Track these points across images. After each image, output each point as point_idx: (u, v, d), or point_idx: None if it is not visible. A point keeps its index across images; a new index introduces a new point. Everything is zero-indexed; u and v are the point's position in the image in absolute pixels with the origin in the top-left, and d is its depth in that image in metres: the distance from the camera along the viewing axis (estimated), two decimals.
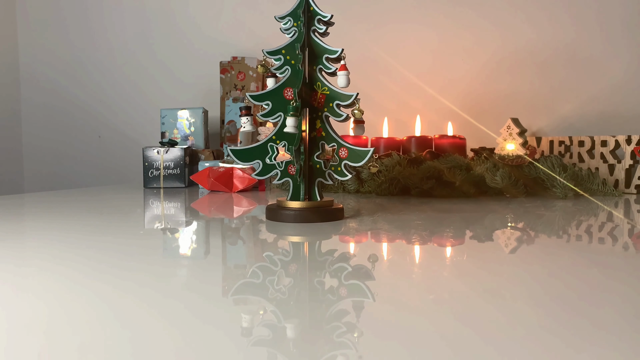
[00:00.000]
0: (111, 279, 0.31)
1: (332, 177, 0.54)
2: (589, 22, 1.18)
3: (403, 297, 0.28)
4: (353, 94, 0.52)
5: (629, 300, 0.27)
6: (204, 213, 0.68)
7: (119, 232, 0.50)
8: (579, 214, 0.62)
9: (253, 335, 0.22)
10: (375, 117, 1.19)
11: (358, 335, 0.22)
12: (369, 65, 1.33)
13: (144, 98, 1.53)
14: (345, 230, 0.49)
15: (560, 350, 0.20)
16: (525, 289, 0.30)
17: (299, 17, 0.53)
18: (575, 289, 0.29)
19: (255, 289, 0.29)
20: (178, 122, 1.23)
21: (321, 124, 0.54)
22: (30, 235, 0.50)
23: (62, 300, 0.27)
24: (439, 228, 0.49)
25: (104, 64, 1.56)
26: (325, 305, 0.26)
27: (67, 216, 0.60)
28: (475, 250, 0.40)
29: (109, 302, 0.26)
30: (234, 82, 1.30)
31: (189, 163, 1.07)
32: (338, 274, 0.32)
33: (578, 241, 0.46)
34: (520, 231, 0.48)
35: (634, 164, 0.89)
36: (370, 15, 1.35)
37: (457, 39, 1.29)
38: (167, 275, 0.33)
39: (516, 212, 0.62)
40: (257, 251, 0.42)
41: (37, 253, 0.40)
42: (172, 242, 0.47)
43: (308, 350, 0.20)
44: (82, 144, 1.58)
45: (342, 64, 0.52)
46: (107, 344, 0.21)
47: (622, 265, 0.37)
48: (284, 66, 0.54)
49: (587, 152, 0.94)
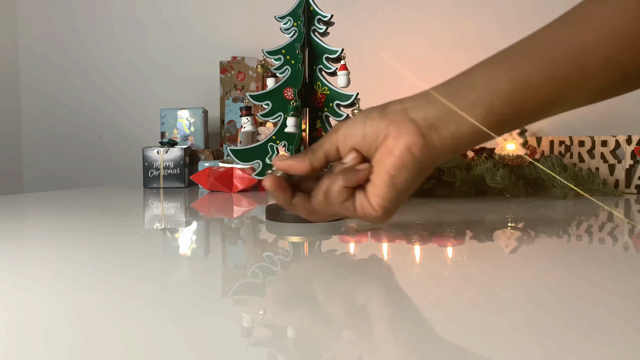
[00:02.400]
0: (111, 279, 0.31)
1: None
2: None
3: (403, 297, 0.28)
4: (353, 94, 0.52)
5: (629, 300, 0.27)
6: (204, 213, 0.68)
7: (119, 232, 0.50)
8: (579, 214, 0.62)
9: (253, 335, 0.22)
10: None
11: (358, 335, 0.22)
12: (369, 65, 1.33)
13: (144, 98, 1.53)
14: (345, 230, 0.49)
15: (560, 350, 0.20)
16: (525, 289, 0.30)
17: (299, 17, 0.53)
18: (576, 289, 0.29)
19: (255, 288, 0.29)
20: (178, 122, 1.23)
21: (321, 124, 0.54)
22: (30, 235, 0.50)
23: (62, 300, 0.27)
24: (439, 228, 0.49)
25: (104, 64, 1.56)
26: (326, 305, 0.26)
27: (67, 216, 0.60)
28: (476, 250, 0.40)
29: (109, 302, 0.26)
30: (234, 82, 1.30)
31: (189, 163, 1.07)
32: (338, 274, 0.32)
33: (578, 241, 0.46)
34: (520, 231, 0.48)
35: (634, 164, 0.89)
36: (370, 14, 1.35)
37: (457, 39, 1.29)
38: (167, 275, 0.33)
39: (516, 212, 0.62)
40: (257, 251, 0.42)
41: (37, 253, 0.40)
42: (172, 242, 0.47)
43: (308, 350, 0.20)
44: (82, 144, 1.58)
45: (342, 64, 0.52)
46: (107, 344, 0.21)
47: (622, 265, 0.37)
48: (284, 66, 0.54)
49: (587, 152, 0.94)
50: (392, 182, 0.38)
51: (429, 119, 0.38)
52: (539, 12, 1.24)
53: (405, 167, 0.38)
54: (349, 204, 0.40)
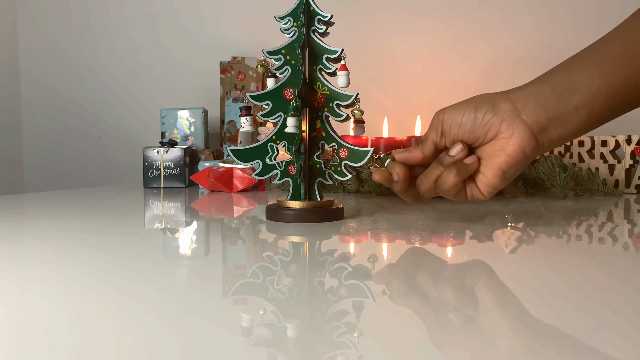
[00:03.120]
0: (111, 279, 0.31)
1: (332, 177, 0.54)
2: (590, 21, 1.18)
3: (403, 297, 0.28)
4: (353, 94, 0.52)
5: (630, 300, 0.27)
6: (204, 213, 0.68)
7: (119, 232, 0.50)
8: (579, 214, 0.62)
9: (253, 335, 0.22)
10: (375, 117, 1.19)
11: (358, 336, 0.22)
12: (369, 65, 1.33)
13: (144, 98, 1.53)
14: (345, 230, 0.49)
15: (560, 350, 0.20)
16: (525, 289, 0.30)
17: (299, 17, 0.53)
18: (576, 289, 0.29)
19: (255, 288, 0.29)
20: (178, 122, 1.23)
21: (321, 124, 0.54)
22: (30, 235, 0.50)
23: (62, 300, 0.27)
24: (439, 228, 0.49)
25: (104, 64, 1.56)
26: (326, 305, 0.26)
27: (67, 216, 0.60)
28: (476, 250, 0.40)
29: (109, 302, 0.26)
30: (234, 82, 1.30)
31: (189, 163, 1.07)
32: (338, 274, 0.32)
33: (578, 241, 0.46)
34: (520, 231, 0.48)
35: (634, 164, 0.89)
36: (370, 14, 1.35)
37: (458, 39, 1.29)
38: (167, 275, 0.33)
39: (516, 212, 0.62)
40: (257, 251, 0.42)
41: (37, 253, 0.40)
42: (172, 242, 0.47)
43: (308, 350, 0.20)
44: (82, 144, 1.58)
45: (342, 64, 0.52)
46: (107, 344, 0.21)
47: (623, 265, 0.37)
48: (284, 66, 0.54)
49: (587, 152, 0.94)
50: (503, 175, 0.44)
51: (540, 123, 0.42)
52: (541, 11, 1.24)
53: (516, 164, 0.43)
54: (462, 193, 0.45)
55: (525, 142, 0.42)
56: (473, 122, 0.43)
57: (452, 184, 0.43)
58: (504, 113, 0.42)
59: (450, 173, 0.43)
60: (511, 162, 0.43)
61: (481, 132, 0.43)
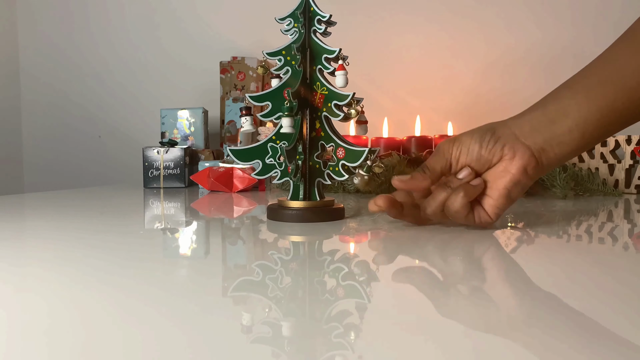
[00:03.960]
0: (111, 279, 0.31)
1: (330, 177, 0.54)
2: (591, 21, 1.18)
3: (403, 297, 0.28)
4: (349, 94, 0.52)
5: (629, 301, 0.27)
6: (204, 213, 0.68)
7: (119, 232, 0.50)
8: (579, 214, 0.62)
9: (253, 333, 0.22)
10: (375, 117, 1.19)
11: (357, 336, 0.22)
12: (369, 64, 1.34)
13: (144, 98, 1.53)
14: (346, 230, 0.49)
15: (560, 350, 0.20)
16: (525, 289, 0.30)
17: (299, 18, 0.53)
18: (576, 289, 0.29)
19: (255, 288, 0.29)
20: (178, 122, 1.23)
21: (320, 124, 0.54)
22: (30, 235, 0.50)
23: (62, 300, 0.27)
24: (439, 229, 0.49)
25: (104, 64, 1.56)
26: (325, 305, 0.26)
27: (67, 216, 0.60)
28: (476, 250, 0.40)
29: (109, 302, 0.26)
30: (234, 82, 1.30)
31: (189, 163, 1.07)
32: (338, 274, 0.32)
33: (578, 241, 0.46)
34: (520, 231, 0.48)
35: (634, 164, 0.89)
36: (370, 14, 1.35)
37: (457, 38, 1.29)
38: (168, 274, 0.33)
39: (516, 212, 0.62)
40: (257, 251, 0.42)
41: (37, 253, 0.40)
42: (172, 242, 0.47)
43: (308, 350, 0.20)
44: (82, 144, 1.58)
45: (340, 64, 0.52)
46: (107, 344, 0.21)
47: (623, 265, 0.37)
48: (285, 67, 0.54)
49: (587, 152, 0.94)
50: (508, 195, 0.46)
51: (538, 144, 0.45)
52: (542, 11, 1.24)
53: (520, 183, 0.45)
54: (470, 216, 0.46)
55: (526, 161, 0.45)
56: (479, 151, 0.46)
57: (461, 204, 0.45)
58: (504, 138, 0.45)
59: (458, 194, 0.45)
60: (515, 180, 0.45)
61: (486, 159, 0.46)
